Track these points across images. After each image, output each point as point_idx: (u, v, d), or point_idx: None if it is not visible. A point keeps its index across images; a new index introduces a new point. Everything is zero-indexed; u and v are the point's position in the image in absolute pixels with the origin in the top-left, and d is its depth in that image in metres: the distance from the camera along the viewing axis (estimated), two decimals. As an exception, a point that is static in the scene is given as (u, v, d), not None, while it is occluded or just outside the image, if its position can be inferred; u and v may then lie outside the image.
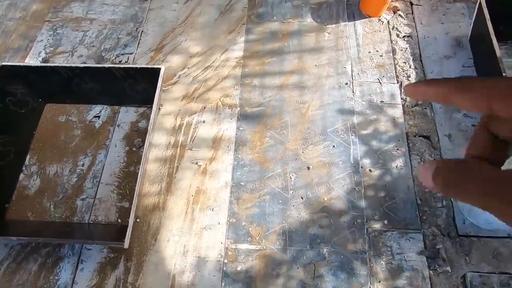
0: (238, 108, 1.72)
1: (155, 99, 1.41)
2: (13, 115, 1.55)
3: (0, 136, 1.48)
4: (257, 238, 1.42)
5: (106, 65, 1.48)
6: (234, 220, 1.46)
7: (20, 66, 1.51)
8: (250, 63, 1.86)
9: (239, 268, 1.37)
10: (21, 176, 1.54)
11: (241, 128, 1.67)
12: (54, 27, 1.99)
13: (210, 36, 1.96)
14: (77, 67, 1.50)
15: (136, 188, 1.25)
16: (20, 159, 1.56)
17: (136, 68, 1.49)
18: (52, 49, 1.91)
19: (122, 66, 1.49)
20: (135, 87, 1.58)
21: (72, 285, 1.34)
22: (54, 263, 1.38)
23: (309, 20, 2.02)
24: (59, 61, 1.86)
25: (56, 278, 1.35)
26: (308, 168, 1.56)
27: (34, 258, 1.39)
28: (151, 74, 1.51)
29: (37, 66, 1.50)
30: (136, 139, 1.62)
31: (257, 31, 1.98)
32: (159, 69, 1.48)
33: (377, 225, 1.44)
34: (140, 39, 1.93)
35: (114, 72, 1.51)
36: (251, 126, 1.67)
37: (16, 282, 1.35)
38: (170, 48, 1.91)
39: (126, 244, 1.15)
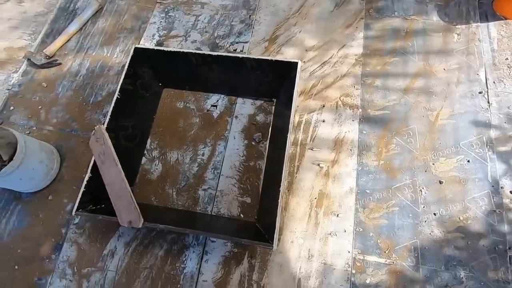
0: (360, 110, 1.62)
1: (294, 95, 1.35)
2: (139, 98, 1.55)
3: (130, 119, 1.49)
4: (386, 252, 1.35)
5: (240, 55, 1.43)
6: (361, 229, 1.39)
7: (153, 49, 1.49)
8: (371, 61, 1.74)
9: (368, 281, 1.30)
10: (143, 159, 1.56)
11: (364, 132, 1.58)
12: (166, 10, 1.97)
13: (326, 29, 1.85)
14: (209, 55, 1.46)
15: (280, 190, 1.20)
16: (142, 143, 1.57)
17: (271, 60, 1.43)
18: (165, 32, 1.89)
19: (256, 57, 1.43)
20: (262, 79, 1.52)
21: (198, 275, 1.34)
22: (179, 250, 1.39)
23: (435, 18, 1.85)
24: (173, 45, 1.84)
25: (183, 266, 1.36)
26: (440, 182, 1.45)
27: (160, 243, 1.40)
28: (282, 67, 1.45)
29: (170, 51, 1.47)
30: (255, 133, 1.58)
31: (377, 27, 1.84)
32: (296, 63, 1.40)
33: (521, 254, 1.32)
34: (253, 28, 1.87)
35: (246, 62, 1.45)
36: (375, 130, 1.58)
37: (143, 264, 1.37)
38: (284, 39, 1.83)
39: (275, 246, 1.12)
